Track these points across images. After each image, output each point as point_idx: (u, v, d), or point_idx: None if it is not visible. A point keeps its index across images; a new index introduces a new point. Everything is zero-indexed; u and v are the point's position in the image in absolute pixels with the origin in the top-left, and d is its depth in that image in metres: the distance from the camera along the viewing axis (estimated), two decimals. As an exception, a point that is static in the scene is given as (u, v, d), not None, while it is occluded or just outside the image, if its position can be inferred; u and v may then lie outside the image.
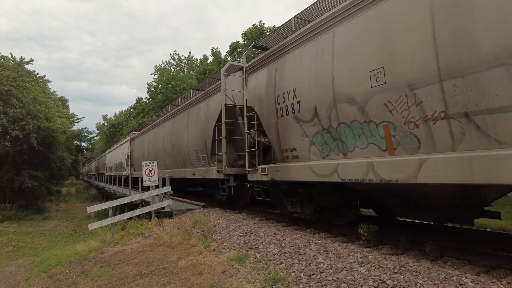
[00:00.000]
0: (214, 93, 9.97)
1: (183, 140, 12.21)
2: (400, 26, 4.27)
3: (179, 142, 12.73)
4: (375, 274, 3.79)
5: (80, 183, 54.36)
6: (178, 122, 13.20)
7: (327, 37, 5.51)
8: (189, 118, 11.87)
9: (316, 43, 5.78)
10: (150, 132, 17.93)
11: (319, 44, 5.70)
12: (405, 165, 4.27)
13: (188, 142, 11.67)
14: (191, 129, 11.50)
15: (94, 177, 42.94)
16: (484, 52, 3.43)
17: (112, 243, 7.81)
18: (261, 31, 26.06)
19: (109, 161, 32.26)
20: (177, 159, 13.08)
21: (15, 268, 10.14)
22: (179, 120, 13.06)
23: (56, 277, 6.43)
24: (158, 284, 4.68)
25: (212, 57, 31.27)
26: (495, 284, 3.37)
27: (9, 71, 21.50)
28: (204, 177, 10.40)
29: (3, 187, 22.85)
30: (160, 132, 15.87)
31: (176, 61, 45.54)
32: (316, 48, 5.78)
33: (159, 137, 15.80)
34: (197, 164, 11.15)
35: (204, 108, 10.58)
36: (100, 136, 73.98)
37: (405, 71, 4.20)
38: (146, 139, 18.75)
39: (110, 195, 21.09)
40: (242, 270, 4.52)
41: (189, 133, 11.69)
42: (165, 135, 14.69)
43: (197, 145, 10.93)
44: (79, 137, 55.04)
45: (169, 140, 14.00)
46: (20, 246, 14.83)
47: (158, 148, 15.68)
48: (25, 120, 21.27)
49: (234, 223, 7.50)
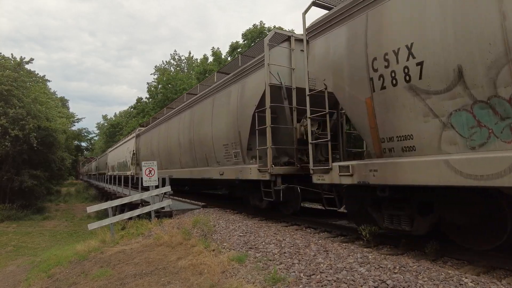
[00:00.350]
0: (253, 71, 8.08)
1: (206, 133, 10.19)
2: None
3: (200, 136, 10.72)
4: (375, 274, 3.79)
5: (80, 183, 54.36)
6: (198, 112, 11.13)
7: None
8: (215, 106, 9.83)
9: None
10: (161, 127, 15.82)
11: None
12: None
13: (214, 135, 9.69)
14: (218, 119, 9.49)
15: (94, 177, 42.04)
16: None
17: (112, 243, 7.81)
18: (261, 31, 26.10)
19: (111, 160, 30.69)
20: (197, 157, 11.13)
21: (15, 268, 10.13)
22: (201, 110, 10.95)
23: (56, 277, 6.43)
24: (158, 284, 4.68)
25: (213, 57, 31.30)
26: (495, 284, 3.37)
27: (9, 71, 21.52)
28: (237, 177, 8.40)
29: (3, 187, 22.85)
30: (174, 125, 13.72)
31: (176, 61, 45.58)
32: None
33: (172, 132, 13.74)
34: (226, 162, 9.24)
35: (238, 92, 8.56)
36: (100, 136, 73.99)
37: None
38: (155, 135, 16.73)
39: (110, 195, 21.09)
40: (242, 270, 4.52)
41: (215, 124, 9.69)
42: (181, 129, 12.61)
43: (226, 138, 9.00)
44: (79, 137, 55.05)
45: (186, 134, 11.95)
46: (20, 246, 14.83)
47: (172, 144, 13.67)
48: (25, 120, 21.28)
49: (234, 223, 7.50)
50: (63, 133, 28.62)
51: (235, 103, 8.60)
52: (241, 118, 8.27)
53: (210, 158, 10.19)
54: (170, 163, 14.20)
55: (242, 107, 8.26)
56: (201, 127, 10.72)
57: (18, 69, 22.62)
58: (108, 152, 33.76)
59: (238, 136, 8.45)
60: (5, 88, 20.78)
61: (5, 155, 21.70)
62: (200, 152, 10.88)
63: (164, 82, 36.16)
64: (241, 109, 8.28)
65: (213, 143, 9.78)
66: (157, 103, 35.77)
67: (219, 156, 9.59)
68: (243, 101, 8.28)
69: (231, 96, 8.94)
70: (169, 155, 14.00)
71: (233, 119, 8.63)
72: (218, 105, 9.67)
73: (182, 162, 12.64)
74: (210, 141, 9.97)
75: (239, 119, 8.35)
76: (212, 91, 10.24)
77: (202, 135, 10.57)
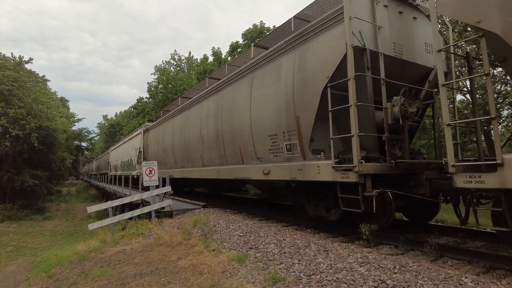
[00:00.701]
0: (320, 32, 5.97)
1: (242, 122, 8.19)
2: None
3: (231, 126, 8.72)
4: (375, 274, 3.79)
5: (80, 183, 54.42)
6: (228, 98, 9.04)
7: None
8: (255, 86, 7.77)
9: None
10: (175, 119, 13.69)
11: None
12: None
13: (254, 123, 7.71)
14: (261, 103, 7.48)
15: (95, 177, 41.37)
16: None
17: (112, 243, 7.81)
18: (261, 31, 26.15)
19: (113, 159, 28.54)
20: (227, 152, 9.13)
21: (15, 268, 10.14)
22: (232, 94, 8.89)
23: (56, 277, 6.43)
24: (158, 284, 4.68)
25: (213, 57, 31.32)
26: (495, 284, 3.37)
27: (10, 71, 21.56)
28: (293, 178, 6.36)
29: (3, 187, 22.88)
30: (193, 116, 11.67)
31: (176, 61, 45.58)
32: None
33: (191, 124, 11.69)
34: (272, 158, 7.23)
35: (293, 64, 6.47)
36: (100, 136, 74.05)
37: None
38: (168, 129, 14.58)
39: (111, 195, 21.10)
40: (242, 270, 4.52)
41: (255, 110, 7.69)
42: (204, 119, 10.58)
43: (274, 127, 7.00)
44: (79, 137, 55.08)
45: (212, 126, 9.90)
46: (20, 246, 14.83)
47: (191, 138, 11.62)
48: (25, 119, 21.31)
49: (234, 223, 7.50)
50: (63, 133, 28.64)
51: (289, 79, 6.53)
52: (301, 98, 6.19)
53: (246, 153, 8.19)
54: (188, 161, 12.15)
55: (303, 83, 6.17)
56: (233, 115, 8.64)
57: (18, 69, 22.65)
58: (110, 151, 31.72)
59: (295, 122, 6.35)
60: (5, 88, 20.81)
61: (5, 155, 21.73)
62: (231, 147, 8.87)
63: (164, 82, 36.18)
64: (301, 86, 6.22)
65: (253, 134, 7.78)
66: (158, 103, 35.78)
67: (261, 151, 7.59)
68: (303, 75, 6.18)
69: (281, 71, 6.86)
70: (187, 152, 11.89)
71: (286, 101, 6.58)
72: (260, 85, 7.56)
73: (205, 160, 10.55)
74: (248, 131, 7.94)
75: (297, 99, 6.29)
76: (249, 69, 8.12)
77: (235, 125, 8.52)
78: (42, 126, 23.11)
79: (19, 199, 22.89)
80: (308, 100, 6.03)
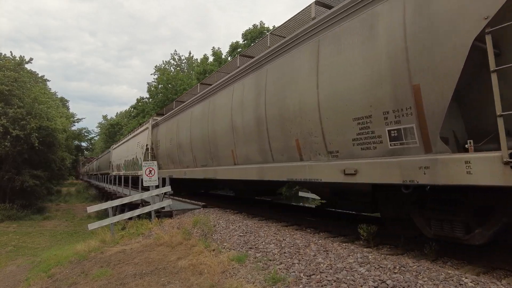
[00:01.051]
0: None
1: (302, 102, 6.10)
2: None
3: (283, 109, 6.63)
4: (375, 274, 3.79)
5: (80, 183, 54.44)
6: (276, 72, 7.02)
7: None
8: (324, 52, 5.68)
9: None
10: (195, 109, 11.46)
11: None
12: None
13: (325, 103, 5.57)
14: (339, 73, 5.32)
15: (95, 177, 40.80)
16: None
17: (112, 243, 7.81)
18: (261, 31, 26.24)
19: (116, 158, 26.65)
20: (274, 145, 7.06)
21: (15, 268, 10.13)
22: (282, 67, 6.84)
23: (56, 277, 6.43)
24: (158, 284, 4.68)
25: (213, 57, 31.35)
26: (495, 284, 3.36)
27: (10, 71, 21.57)
28: (411, 181, 4.21)
29: (3, 187, 22.88)
30: (220, 102, 9.44)
31: (176, 61, 45.59)
32: None
33: (218, 112, 9.51)
34: (358, 152, 5.05)
35: (402, 12, 4.38)
36: (100, 136, 74.09)
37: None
38: (184, 122, 12.43)
39: (110, 195, 21.11)
40: (242, 270, 4.52)
41: (328, 83, 5.53)
42: (236, 105, 8.47)
43: (366, 106, 4.84)
44: (79, 137, 55.09)
45: (249, 112, 7.82)
46: (20, 246, 14.83)
47: (217, 130, 9.44)
48: (25, 119, 21.32)
49: (234, 223, 7.49)
50: (63, 133, 28.65)
51: (396, 32, 4.45)
52: (424, 58, 4.09)
53: (308, 146, 6.06)
54: (213, 158, 9.99)
55: (428, 35, 4.05)
56: (285, 96, 6.59)
57: (18, 69, 22.67)
58: (112, 150, 29.69)
59: (412, 95, 4.21)
60: (6, 88, 20.82)
61: (5, 155, 21.73)
62: (281, 138, 6.80)
63: (164, 82, 36.20)
64: (423, 39, 4.10)
65: (322, 119, 5.64)
66: (158, 103, 35.80)
67: (336, 141, 5.45)
68: (429, 22, 4.05)
69: (377, 25, 4.77)
70: (211, 147, 9.91)
71: (391, 65, 4.48)
72: (334, 50, 5.47)
73: (239, 156, 8.50)
74: (313, 116, 5.83)
75: (416, 60, 4.17)
76: (312, 32, 6.01)
77: (289, 108, 6.47)
78: (42, 126, 23.11)
79: (19, 199, 22.89)
80: (441, 60, 3.93)
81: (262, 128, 7.36)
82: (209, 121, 10.08)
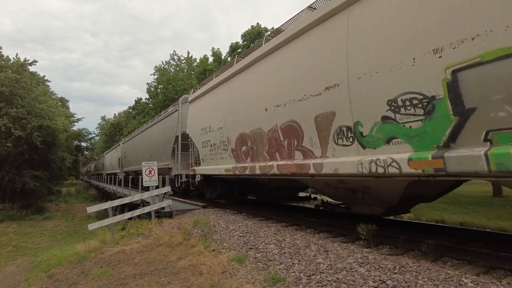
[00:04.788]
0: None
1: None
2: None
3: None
4: (375, 275, 3.79)
5: (80, 183, 54.45)
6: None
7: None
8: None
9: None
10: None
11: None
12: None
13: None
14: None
15: (95, 177, 40.45)
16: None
17: (112, 243, 7.80)
18: (259, 32, 26.39)
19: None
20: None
21: (15, 268, 10.13)
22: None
23: (56, 277, 6.43)
24: (158, 284, 4.68)
25: (213, 58, 31.36)
26: (495, 284, 3.36)
27: (13, 73, 21.62)
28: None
29: (3, 187, 22.87)
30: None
31: (176, 62, 45.58)
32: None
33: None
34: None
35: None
36: (100, 136, 74.12)
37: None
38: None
39: (110, 195, 21.10)
40: (242, 270, 4.52)
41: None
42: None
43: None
44: (79, 137, 55.11)
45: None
46: (20, 246, 14.82)
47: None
48: (26, 119, 21.33)
49: (234, 223, 7.49)
50: (64, 132, 28.65)
51: None
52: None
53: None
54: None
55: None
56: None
57: (20, 70, 22.69)
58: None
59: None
60: (7, 90, 20.84)
61: (6, 155, 21.73)
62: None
63: (164, 83, 36.21)
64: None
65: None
66: (157, 104, 35.83)
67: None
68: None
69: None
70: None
71: None
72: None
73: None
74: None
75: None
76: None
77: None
78: (43, 125, 23.13)
79: (19, 199, 22.86)
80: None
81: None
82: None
